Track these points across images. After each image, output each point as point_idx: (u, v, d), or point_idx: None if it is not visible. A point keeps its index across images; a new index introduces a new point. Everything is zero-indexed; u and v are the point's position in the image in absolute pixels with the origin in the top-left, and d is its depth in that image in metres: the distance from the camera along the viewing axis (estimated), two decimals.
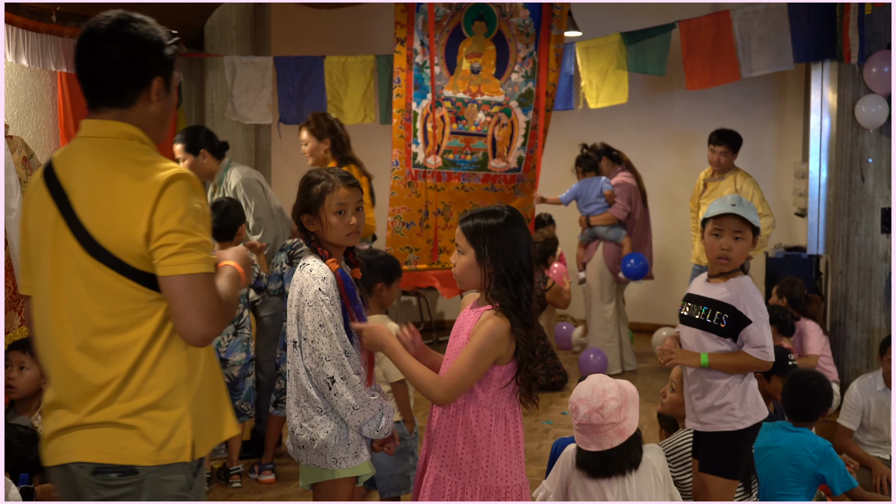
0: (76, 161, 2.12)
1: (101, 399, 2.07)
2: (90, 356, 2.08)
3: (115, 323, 2.07)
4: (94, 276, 2.06)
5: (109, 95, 2.13)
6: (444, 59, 6.00)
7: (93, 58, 2.11)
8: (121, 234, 2.03)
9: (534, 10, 5.97)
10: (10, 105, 5.11)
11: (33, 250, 2.17)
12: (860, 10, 5.54)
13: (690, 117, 8.63)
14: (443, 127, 5.99)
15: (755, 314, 3.24)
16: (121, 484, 2.07)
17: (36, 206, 2.15)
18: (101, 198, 2.05)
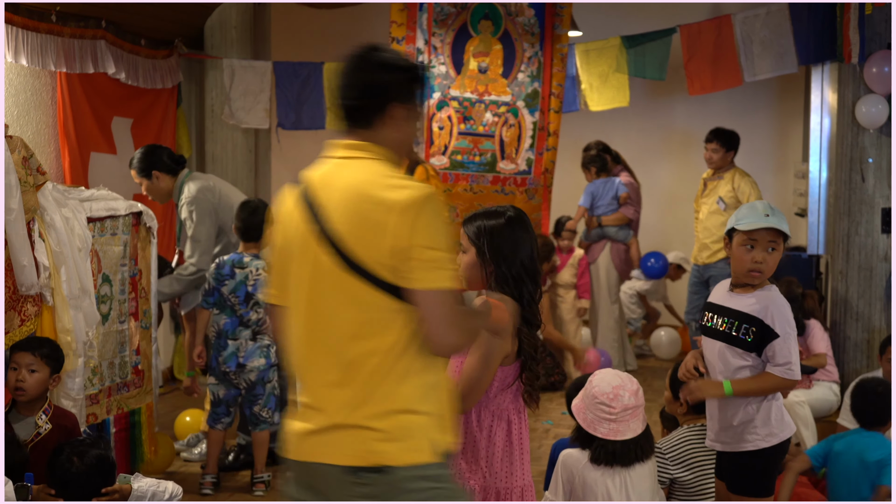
0: (333, 181, 2.26)
1: (352, 402, 2.19)
2: (342, 362, 2.20)
3: (366, 331, 2.19)
4: (347, 286, 2.18)
5: (357, 119, 2.30)
6: (451, 58, 5.98)
7: (344, 83, 2.30)
8: (374, 247, 2.16)
9: (538, 10, 5.95)
10: (9, 105, 5.11)
11: (286, 264, 2.29)
12: (860, 11, 5.54)
13: (691, 119, 8.62)
14: (450, 127, 5.97)
15: (783, 328, 3.08)
16: (371, 483, 2.18)
17: (292, 223, 2.28)
18: (357, 214, 2.18)
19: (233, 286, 4.62)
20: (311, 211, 2.24)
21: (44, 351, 3.62)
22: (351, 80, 2.30)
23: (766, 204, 3.22)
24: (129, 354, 4.46)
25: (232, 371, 4.61)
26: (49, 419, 3.58)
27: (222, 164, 6.95)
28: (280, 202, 2.38)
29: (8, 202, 3.55)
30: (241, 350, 4.61)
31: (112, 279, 4.34)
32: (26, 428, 3.55)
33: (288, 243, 2.30)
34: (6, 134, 3.69)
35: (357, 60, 2.30)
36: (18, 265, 3.65)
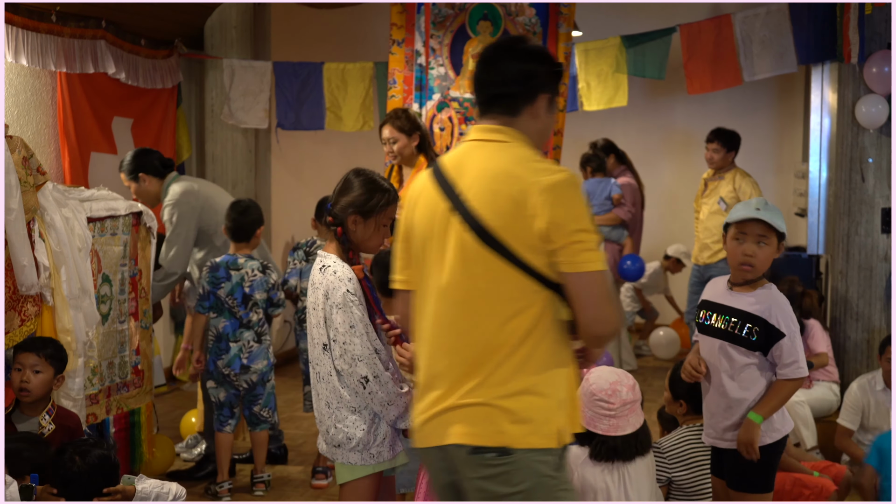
0: (468, 161, 2.30)
1: (479, 380, 2.20)
2: (473, 340, 2.22)
3: (501, 309, 2.20)
4: (487, 265, 2.20)
5: (500, 105, 2.32)
6: (450, 59, 5.97)
7: (491, 71, 2.32)
8: (519, 228, 2.18)
9: (540, 9, 5.93)
10: (9, 105, 5.11)
11: (418, 246, 2.34)
12: (860, 10, 5.53)
13: (691, 119, 8.63)
14: (451, 128, 5.95)
15: (788, 328, 3.11)
16: (497, 463, 2.19)
17: (424, 205, 2.33)
18: (498, 194, 2.20)
19: (229, 288, 4.60)
20: (449, 192, 2.26)
21: (48, 351, 3.62)
22: (500, 68, 2.31)
23: (762, 200, 3.24)
24: (128, 354, 4.46)
25: (234, 373, 4.60)
26: (52, 419, 3.58)
27: (222, 164, 6.95)
28: (412, 188, 2.42)
29: (8, 202, 3.55)
30: (245, 352, 4.60)
31: (112, 279, 4.34)
32: (30, 428, 3.56)
33: (421, 226, 2.33)
34: (6, 134, 3.69)
35: (506, 50, 2.33)
36: (18, 265, 3.65)
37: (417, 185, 2.41)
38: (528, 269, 2.18)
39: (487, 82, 2.34)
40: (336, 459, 3.01)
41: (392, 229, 2.98)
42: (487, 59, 2.35)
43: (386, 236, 3.03)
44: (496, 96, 2.32)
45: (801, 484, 4.08)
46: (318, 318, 2.93)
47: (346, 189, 3.01)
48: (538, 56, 2.34)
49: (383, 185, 3.03)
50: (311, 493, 4.76)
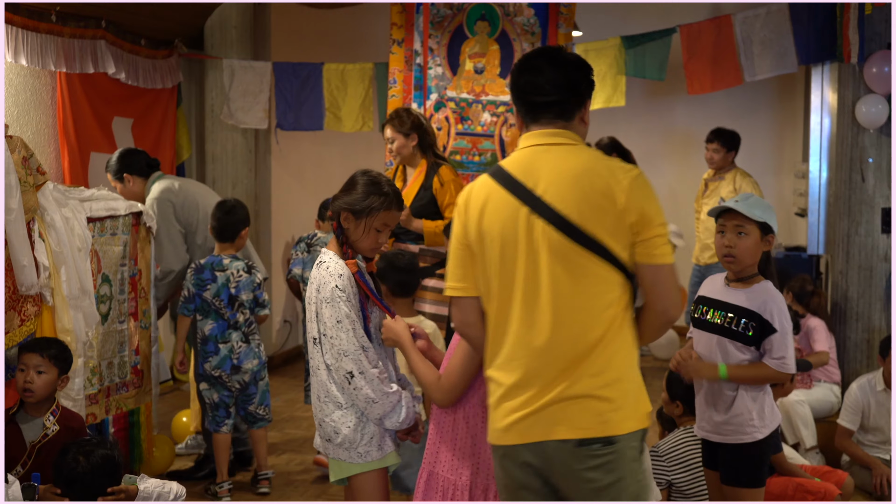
0: (539, 165, 2.38)
1: (577, 374, 2.29)
2: (569, 336, 2.31)
3: (593, 304, 2.31)
4: (574, 260, 2.30)
5: (559, 113, 2.43)
6: (447, 59, 5.97)
7: (537, 77, 2.42)
8: (610, 223, 2.29)
9: (539, 9, 5.94)
10: (9, 105, 5.11)
11: (494, 252, 2.38)
12: (860, 10, 5.53)
13: (691, 119, 8.63)
14: (448, 128, 5.96)
15: (781, 324, 3.18)
16: (603, 453, 2.28)
17: (495, 210, 2.38)
18: (584, 192, 2.31)
19: (215, 290, 4.58)
20: (526, 196, 2.33)
21: (52, 352, 3.61)
22: (551, 77, 2.41)
23: (745, 194, 3.31)
24: (128, 354, 4.46)
25: (226, 374, 4.59)
26: (56, 420, 3.57)
27: (222, 164, 6.95)
28: (468, 197, 2.46)
29: (8, 202, 3.55)
30: (234, 353, 4.59)
31: (112, 279, 4.34)
32: (34, 429, 3.55)
33: (496, 232, 2.37)
34: (6, 134, 3.69)
35: (553, 60, 2.44)
36: (18, 265, 3.65)
37: (477, 193, 2.45)
38: (615, 262, 2.30)
39: (538, 90, 2.43)
40: (328, 455, 3.05)
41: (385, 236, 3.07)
42: (534, 68, 2.44)
43: (381, 240, 3.04)
44: (550, 103, 2.42)
45: (804, 489, 4.08)
46: (311, 312, 2.98)
47: (348, 186, 3.05)
48: (582, 65, 2.47)
49: (384, 189, 3.00)
50: (312, 492, 4.76)
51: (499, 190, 2.39)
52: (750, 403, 3.22)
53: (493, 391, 2.42)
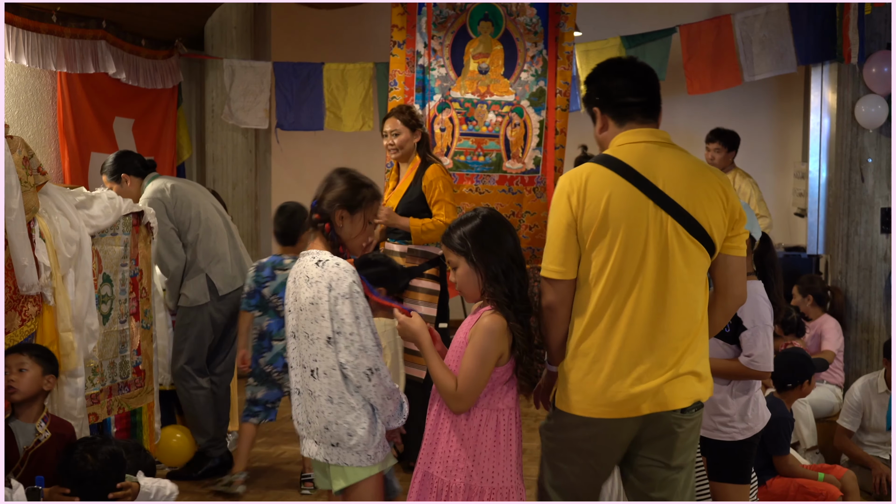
0: (656, 161, 2.65)
1: (682, 352, 2.62)
2: (680, 318, 2.62)
3: (698, 290, 2.65)
4: (691, 252, 2.61)
5: (654, 114, 2.77)
6: (451, 60, 5.97)
7: (641, 81, 2.75)
8: (720, 219, 2.64)
9: (541, 9, 5.94)
10: (10, 105, 5.11)
11: (614, 239, 2.60)
12: (860, 11, 5.54)
13: (691, 119, 8.62)
14: (452, 128, 5.96)
15: (752, 321, 3.25)
16: (696, 417, 2.71)
17: (620, 199, 2.60)
18: (700, 190, 2.62)
19: (274, 287, 4.61)
20: (651, 190, 2.59)
21: (33, 351, 3.60)
22: (646, 80, 2.75)
23: None
24: (129, 354, 4.46)
25: (277, 371, 4.62)
26: (48, 427, 3.57)
27: (222, 164, 6.96)
28: (581, 185, 2.63)
29: (8, 202, 3.56)
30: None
31: (112, 279, 4.34)
32: (26, 435, 3.53)
33: (620, 220, 2.59)
34: (7, 134, 3.70)
35: (639, 66, 2.78)
36: (19, 265, 3.65)
37: (595, 183, 2.62)
38: (713, 254, 2.65)
39: (639, 92, 2.74)
40: (330, 461, 2.90)
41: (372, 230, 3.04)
42: (634, 73, 2.76)
43: (370, 235, 3.02)
44: (650, 105, 2.74)
45: (805, 490, 4.09)
46: (322, 311, 2.84)
47: (331, 186, 2.99)
48: (656, 75, 2.81)
49: (366, 181, 3.02)
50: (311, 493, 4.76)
51: (622, 182, 2.61)
52: (732, 403, 3.31)
53: (592, 368, 2.62)
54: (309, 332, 2.89)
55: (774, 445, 4.05)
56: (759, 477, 3.91)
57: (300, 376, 2.95)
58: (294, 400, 3.00)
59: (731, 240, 2.67)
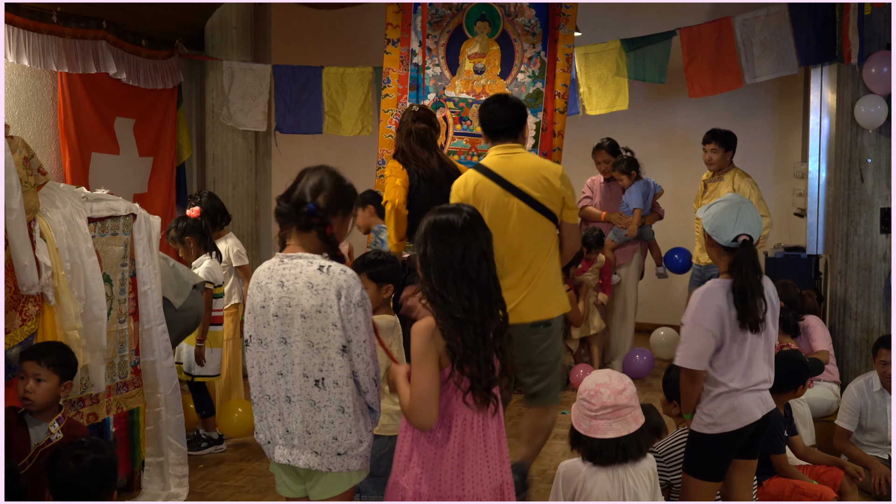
0: (510, 164, 4.14)
1: (533, 283, 4.13)
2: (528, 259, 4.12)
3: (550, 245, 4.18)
4: (533, 220, 4.08)
5: (510, 133, 4.21)
6: (446, 59, 5.98)
7: (498, 112, 4.20)
8: (551, 197, 4.10)
9: (540, 10, 5.93)
10: (10, 105, 5.12)
11: (495, 219, 3.93)
12: (860, 11, 5.54)
13: (691, 119, 8.63)
14: (446, 128, 5.96)
15: (686, 316, 3.40)
16: (540, 333, 4.14)
17: (485, 191, 4.09)
18: (538, 180, 4.10)
19: None
20: (499, 185, 4.11)
21: (50, 359, 3.56)
22: (506, 113, 4.20)
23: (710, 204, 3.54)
24: (128, 354, 4.46)
25: None
26: (61, 428, 3.55)
27: (222, 165, 6.97)
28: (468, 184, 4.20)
29: (9, 202, 3.56)
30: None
31: (112, 279, 4.34)
32: (39, 434, 3.53)
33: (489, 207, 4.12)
34: (7, 134, 3.70)
35: (503, 102, 4.24)
36: (20, 265, 3.66)
37: (481, 187, 4.10)
38: (553, 220, 4.13)
39: (500, 120, 4.20)
40: (332, 469, 2.82)
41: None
42: (495, 107, 4.21)
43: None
44: (506, 129, 4.20)
45: (801, 491, 4.10)
46: (332, 319, 2.75)
47: (322, 187, 2.86)
48: (520, 105, 4.25)
49: (349, 182, 2.96)
50: None
51: (488, 182, 4.10)
52: (703, 396, 3.44)
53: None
54: (314, 341, 2.77)
55: (769, 444, 4.06)
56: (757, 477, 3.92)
57: (295, 385, 2.80)
58: (274, 409, 2.85)
59: (565, 211, 4.15)
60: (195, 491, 4.66)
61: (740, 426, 3.38)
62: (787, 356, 4.24)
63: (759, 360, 3.42)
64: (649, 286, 8.40)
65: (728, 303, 3.34)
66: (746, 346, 3.37)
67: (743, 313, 3.32)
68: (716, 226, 3.40)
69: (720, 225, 3.38)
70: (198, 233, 5.31)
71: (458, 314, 2.61)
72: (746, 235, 3.35)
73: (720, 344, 3.37)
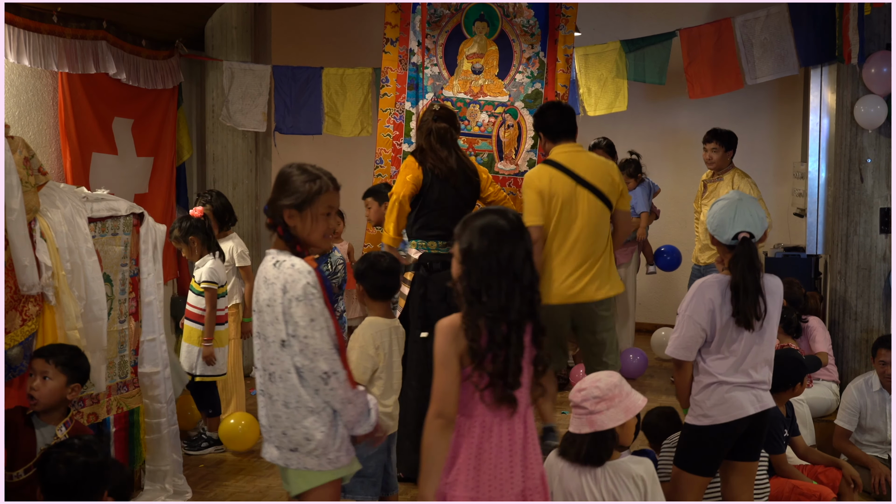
0: (576, 160, 4.75)
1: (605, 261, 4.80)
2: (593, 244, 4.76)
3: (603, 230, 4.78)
4: (598, 209, 4.71)
5: (570, 134, 4.87)
6: (444, 59, 5.98)
7: (564, 114, 4.91)
8: (611, 189, 4.74)
9: (539, 11, 5.93)
10: (11, 105, 5.13)
11: (568, 208, 4.69)
12: (860, 11, 5.55)
13: (692, 119, 8.64)
14: None
15: (680, 307, 3.46)
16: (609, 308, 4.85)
17: (559, 183, 4.69)
18: (602, 174, 4.75)
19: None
20: (571, 177, 4.72)
21: (59, 359, 3.54)
22: (568, 114, 4.93)
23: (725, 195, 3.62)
24: (128, 354, 4.47)
25: None
26: (68, 433, 3.52)
27: (223, 165, 6.97)
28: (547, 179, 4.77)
29: (9, 202, 3.57)
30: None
31: (113, 279, 4.35)
32: (46, 436, 3.51)
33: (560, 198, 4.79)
34: (7, 134, 3.71)
35: (560, 107, 4.97)
36: (20, 265, 3.66)
37: (556, 180, 4.71)
38: (609, 207, 4.75)
39: (560, 123, 4.86)
40: (289, 465, 2.87)
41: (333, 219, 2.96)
42: (553, 112, 4.90)
43: (332, 225, 2.93)
44: (566, 130, 4.84)
45: (800, 491, 4.10)
46: (276, 313, 2.81)
47: (280, 184, 2.92)
48: (573, 110, 4.96)
49: (314, 173, 2.91)
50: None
51: (562, 175, 4.72)
52: (695, 387, 3.48)
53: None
54: (266, 335, 2.85)
55: (768, 444, 4.07)
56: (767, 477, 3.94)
57: (261, 378, 2.90)
58: (259, 402, 2.96)
59: (620, 201, 4.77)
60: (195, 491, 4.67)
61: (730, 419, 3.39)
62: (784, 354, 4.25)
63: (756, 358, 3.42)
64: (649, 286, 8.41)
65: (723, 298, 3.35)
66: (741, 343, 3.38)
67: (737, 310, 3.33)
68: (716, 224, 3.43)
69: (720, 223, 3.41)
70: (202, 232, 5.32)
71: (490, 314, 2.57)
72: (746, 233, 3.36)
73: (710, 337, 3.40)
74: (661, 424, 4.32)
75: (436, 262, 4.74)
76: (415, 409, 4.50)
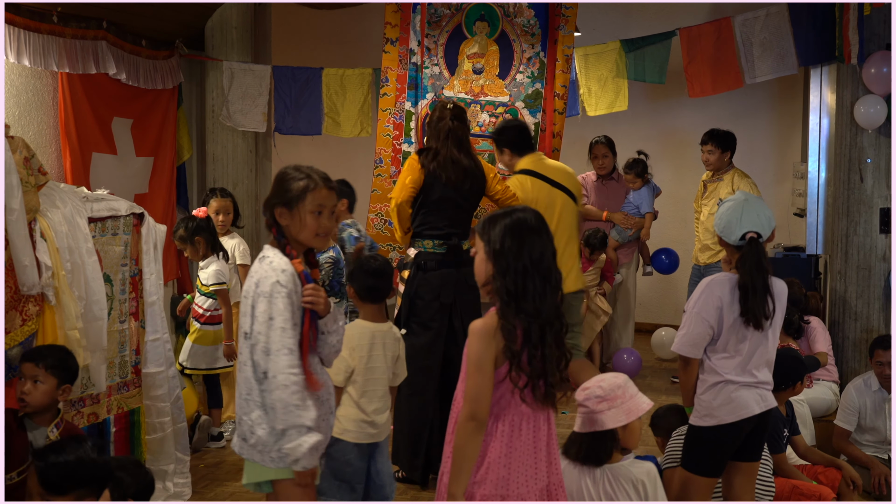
0: (546, 167, 5.27)
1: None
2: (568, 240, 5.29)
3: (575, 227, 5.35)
4: (570, 208, 5.24)
5: (533, 146, 5.42)
6: (444, 59, 5.98)
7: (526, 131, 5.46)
8: (577, 189, 5.32)
9: (539, 11, 5.93)
10: (11, 105, 5.13)
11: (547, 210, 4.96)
12: (860, 11, 5.55)
13: (692, 121, 8.63)
14: None
15: (688, 304, 3.47)
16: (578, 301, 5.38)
17: (538, 189, 5.17)
18: (567, 176, 5.30)
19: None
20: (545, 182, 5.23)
21: (49, 361, 3.53)
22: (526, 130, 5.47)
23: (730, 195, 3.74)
24: (129, 354, 4.47)
25: None
26: (59, 434, 3.51)
27: (223, 165, 6.97)
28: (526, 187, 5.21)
29: (9, 202, 3.57)
30: None
31: (113, 279, 4.35)
32: (38, 437, 3.51)
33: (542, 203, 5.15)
34: (7, 134, 3.71)
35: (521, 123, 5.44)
36: (20, 265, 3.66)
37: (536, 185, 5.19)
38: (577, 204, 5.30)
39: (525, 138, 5.36)
40: (242, 455, 2.92)
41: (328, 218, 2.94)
42: (517, 130, 5.33)
43: (324, 223, 2.92)
44: (531, 144, 5.39)
45: (799, 491, 4.11)
46: (246, 306, 2.87)
47: (274, 185, 2.97)
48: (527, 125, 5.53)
49: (304, 171, 2.93)
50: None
51: (536, 180, 5.16)
52: (700, 387, 3.46)
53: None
54: (241, 324, 2.93)
55: (769, 444, 4.07)
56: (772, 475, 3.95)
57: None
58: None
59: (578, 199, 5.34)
60: (195, 491, 4.67)
61: (736, 419, 3.39)
62: (783, 353, 4.25)
63: (760, 359, 3.43)
64: (649, 287, 8.41)
65: (732, 297, 3.36)
66: (747, 342, 3.38)
67: (745, 310, 3.33)
68: (723, 225, 3.43)
69: (726, 224, 3.41)
70: (207, 233, 5.33)
71: (525, 314, 2.62)
72: (754, 233, 3.36)
73: (716, 335, 3.39)
74: (671, 417, 4.33)
75: (430, 260, 4.73)
76: (406, 409, 4.52)
